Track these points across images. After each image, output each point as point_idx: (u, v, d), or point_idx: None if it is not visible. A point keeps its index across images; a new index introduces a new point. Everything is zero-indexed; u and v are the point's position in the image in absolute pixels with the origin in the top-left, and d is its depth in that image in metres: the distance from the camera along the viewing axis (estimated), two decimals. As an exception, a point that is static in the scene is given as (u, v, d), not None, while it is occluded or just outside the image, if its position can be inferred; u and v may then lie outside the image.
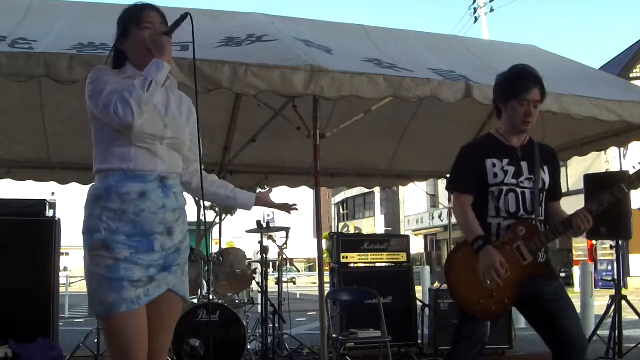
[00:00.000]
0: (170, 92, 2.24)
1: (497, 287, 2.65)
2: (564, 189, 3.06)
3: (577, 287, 13.75)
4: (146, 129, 2.06)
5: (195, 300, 5.02)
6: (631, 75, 18.20)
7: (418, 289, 6.89)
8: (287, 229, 6.06)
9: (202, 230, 17.02)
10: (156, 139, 2.10)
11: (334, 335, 5.01)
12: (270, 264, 6.28)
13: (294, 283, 6.69)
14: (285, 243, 6.03)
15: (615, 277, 5.50)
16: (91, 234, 2.04)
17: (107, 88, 2.03)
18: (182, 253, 2.17)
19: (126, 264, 2.01)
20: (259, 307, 5.75)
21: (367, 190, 29.46)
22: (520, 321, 7.66)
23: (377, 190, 30.38)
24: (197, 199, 2.42)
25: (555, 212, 2.84)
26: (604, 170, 14.50)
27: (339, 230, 37.24)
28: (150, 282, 2.05)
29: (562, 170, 3.02)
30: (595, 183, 5.21)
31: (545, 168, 2.81)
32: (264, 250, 5.45)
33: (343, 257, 6.02)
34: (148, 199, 2.06)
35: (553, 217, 2.81)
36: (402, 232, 31.04)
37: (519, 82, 2.76)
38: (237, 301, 5.48)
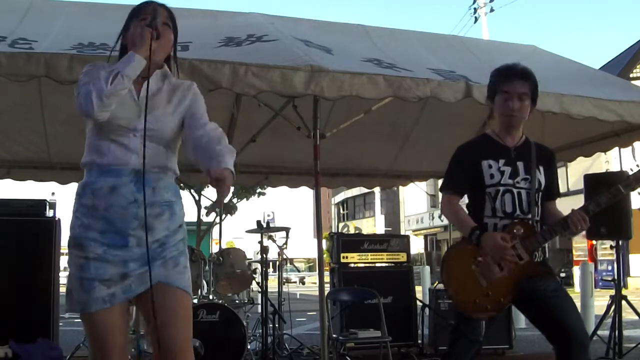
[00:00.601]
0: (167, 82, 2.19)
1: (493, 286, 2.65)
2: (563, 189, 3.07)
3: (577, 287, 13.75)
4: (118, 120, 2.03)
5: (195, 300, 5.02)
6: (631, 75, 18.21)
7: (418, 289, 6.89)
8: (287, 229, 6.07)
9: (202, 230, 17.02)
10: (129, 131, 2.06)
11: (334, 335, 5.00)
12: (270, 264, 6.28)
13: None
14: (285, 243, 6.03)
15: (615, 277, 5.50)
16: (70, 231, 2.07)
17: (84, 79, 2.03)
18: (168, 247, 2.08)
19: (97, 262, 2.00)
20: (259, 307, 5.75)
21: (367, 190, 29.46)
22: (520, 321, 7.66)
23: (377, 190, 30.39)
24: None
25: (551, 212, 2.85)
26: (604, 170, 14.50)
27: (339, 230, 37.24)
28: (124, 279, 2.01)
29: (562, 170, 3.02)
30: (595, 183, 5.21)
31: (541, 168, 2.82)
32: (264, 250, 5.45)
33: (343, 257, 6.01)
34: (118, 193, 2.03)
35: (549, 216, 2.82)
36: (402, 232, 31.05)
37: (502, 76, 2.81)
38: (237, 301, 5.48)
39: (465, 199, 2.91)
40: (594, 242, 17.56)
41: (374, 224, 38.23)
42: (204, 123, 2.17)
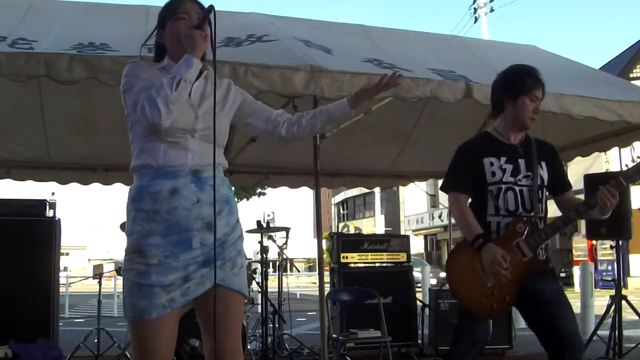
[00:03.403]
0: (209, 82, 2.17)
1: (498, 285, 2.65)
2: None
3: (577, 287, 13.75)
4: (176, 124, 2.00)
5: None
6: (631, 75, 18.20)
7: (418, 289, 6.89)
8: (287, 229, 6.06)
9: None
10: (187, 132, 2.04)
11: (334, 335, 5.00)
12: (270, 264, 6.28)
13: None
14: (285, 243, 6.02)
15: (615, 277, 5.50)
16: (128, 237, 2.02)
17: (138, 84, 2.00)
18: (228, 246, 2.07)
19: (158, 268, 1.96)
20: (259, 307, 5.75)
21: (367, 190, 29.46)
22: (520, 321, 7.63)
23: (377, 190, 30.38)
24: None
25: (572, 201, 2.83)
26: (604, 170, 14.50)
27: (339, 230, 37.21)
28: (185, 282, 1.99)
29: (563, 165, 3.03)
30: (595, 183, 5.19)
31: (543, 164, 2.82)
32: (264, 250, 5.45)
33: (343, 257, 6.01)
34: (180, 195, 2.00)
35: (570, 205, 2.79)
36: (402, 232, 31.04)
37: (529, 78, 2.80)
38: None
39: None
40: (594, 242, 17.56)
41: (374, 224, 38.21)
42: (274, 111, 2.34)
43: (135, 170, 2.07)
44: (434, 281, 14.28)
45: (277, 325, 5.53)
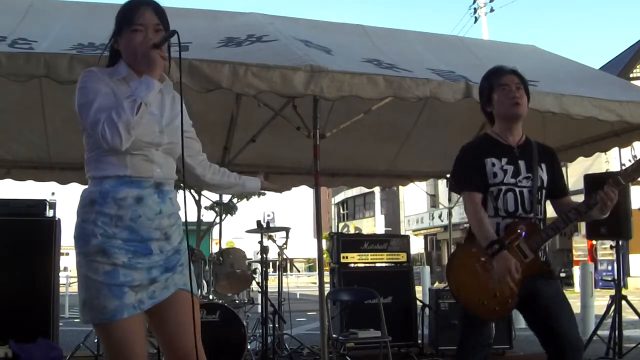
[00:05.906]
0: (166, 94, 2.16)
1: (500, 287, 2.64)
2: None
3: (577, 287, 13.75)
4: (142, 137, 1.99)
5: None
6: (631, 75, 18.20)
7: (418, 289, 6.89)
8: (287, 229, 6.07)
9: (201, 230, 17.01)
10: (152, 146, 2.04)
11: (334, 335, 5.01)
12: (270, 264, 6.28)
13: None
14: (285, 243, 6.03)
15: (615, 277, 5.50)
16: (86, 239, 1.97)
17: (96, 102, 1.95)
18: (182, 253, 2.13)
19: (125, 269, 1.96)
20: (259, 307, 5.75)
21: (367, 190, 29.47)
22: (520, 321, 7.64)
23: (377, 190, 30.43)
24: (198, 195, 2.43)
25: (567, 204, 2.83)
26: (604, 170, 14.50)
27: (339, 230, 37.21)
28: (152, 283, 2.01)
29: (562, 170, 3.03)
30: (595, 183, 5.21)
31: (543, 166, 2.81)
32: (264, 250, 5.45)
33: (343, 257, 6.02)
34: (145, 204, 2.01)
35: (566, 208, 2.79)
36: (402, 232, 31.03)
37: (494, 75, 2.86)
38: (237, 301, 5.48)
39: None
40: (594, 242, 17.55)
41: (374, 224, 38.22)
42: (198, 148, 2.38)
43: (96, 177, 2.04)
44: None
45: (277, 325, 5.53)
